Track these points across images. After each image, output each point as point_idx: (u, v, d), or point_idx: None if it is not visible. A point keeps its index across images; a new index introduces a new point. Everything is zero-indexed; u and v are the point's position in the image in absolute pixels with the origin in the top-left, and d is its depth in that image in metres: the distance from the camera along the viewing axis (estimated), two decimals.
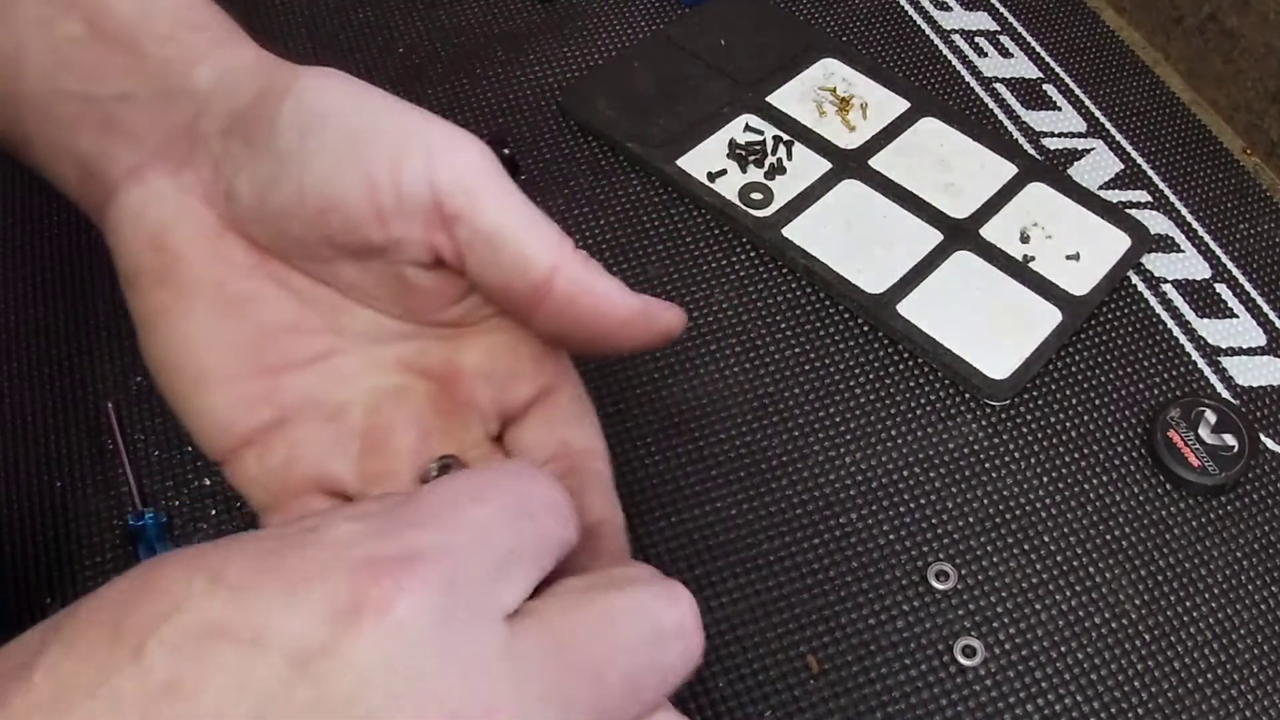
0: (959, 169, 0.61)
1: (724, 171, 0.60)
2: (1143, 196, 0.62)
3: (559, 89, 0.64)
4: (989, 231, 0.58)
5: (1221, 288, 0.58)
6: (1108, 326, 0.56)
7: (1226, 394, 0.54)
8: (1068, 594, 0.47)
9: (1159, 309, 0.57)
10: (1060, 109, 0.66)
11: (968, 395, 0.53)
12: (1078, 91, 0.66)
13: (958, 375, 0.53)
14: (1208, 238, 0.60)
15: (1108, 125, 0.65)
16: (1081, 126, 0.65)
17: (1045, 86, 0.67)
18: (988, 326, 0.54)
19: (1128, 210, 0.60)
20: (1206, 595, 0.47)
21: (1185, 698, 0.45)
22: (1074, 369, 0.54)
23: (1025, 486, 0.50)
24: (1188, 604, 0.47)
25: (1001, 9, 0.71)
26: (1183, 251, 0.59)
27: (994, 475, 0.50)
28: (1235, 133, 0.67)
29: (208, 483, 0.48)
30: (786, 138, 0.61)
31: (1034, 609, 0.47)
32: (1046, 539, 0.48)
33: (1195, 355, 0.55)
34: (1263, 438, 0.52)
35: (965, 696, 0.44)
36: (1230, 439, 0.51)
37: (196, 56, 0.32)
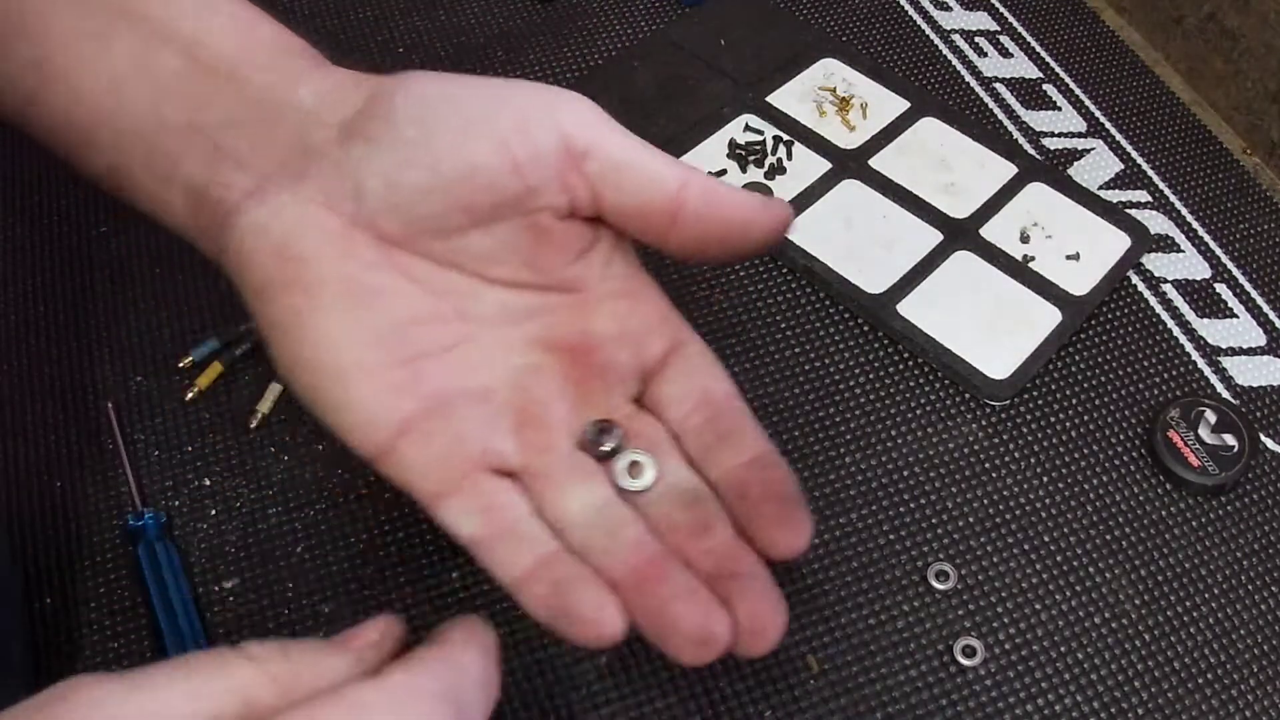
0: (959, 169, 0.61)
1: (724, 171, 0.60)
2: (1143, 196, 0.62)
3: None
4: (989, 231, 0.58)
5: (1221, 288, 0.58)
6: (1108, 326, 0.56)
7: (1226, 394, 0.54)
8: (1068, 594, 0.47)
9: (1159, 309, 0.57)
10: (1060, 109, 0.66)
11: (968, 395, 0.53)
12: (1078, 91, 0.66)
13: (958, 375, 0.53)
14: (1208, 238, 0.60)
15: (1108, 125, 0.65)
16: (1081, 126, 0.65)
17: (1045, 86, 0.67)
18: (988, 326, 0.54)
19: (1128, 210, 0.60)
20: (1206, 595, 0.47)
21: (1185, 698, 0.45)
22: (1074, 369, 0.54)
23: (1025, 486, 0.50)
24: (1188, 604, 0.47)
25: (1001, 9, 0.71)
26: (1183, 251, 0.59)
27: (994, 475, 0.50)
28: (1235, 133, 0.67)
29: (208, 483, 0.48)
30: (786, 138, 0.61)
31: (1034, 609, 0.47)
32: (1046, 539, 0.48)
33: (1195, 355, 0.55)
34: (1263, 438, 0.52)
35: (965, 696, 0.44)
36: (1230, 439, 0.51)
37: (296, 80, 0.34)
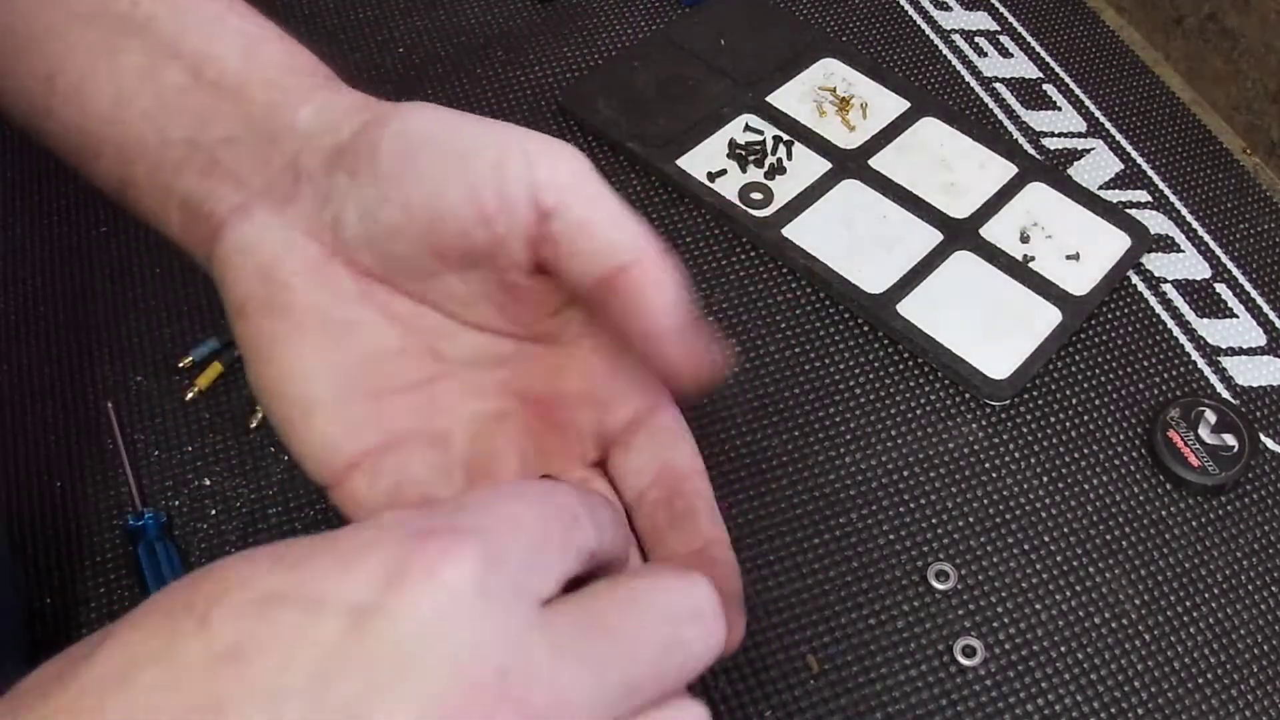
0: (959, 169, 0.61)
1: (724, 171, 0.60)
2: (1143, 196, 0.62)
3: (559, 89, 0.64)
4: (989, 231, 0.58)
5: (1221, 288, 0.58)
6: (1108, 326, 0.56)
7: (1226, 394, 0.54)
8: (1068, 594, 0.47)
9: (1159, 309, 0.57)
10: (1060, 109, 0.66)
11: (968, 395, 0.53)
12: (1078, 91, 0.66)
13: (958, 375, 0.53)
14: (1208, 238, 0.60)
15: (1108, 125, 0.65)
16: (1081, 126, 0.65)
17: (1045, 86, 0.67)
18: (988, 327, 0.54)
19: (1128, 210, 0.60)
20: (1206, 595, 0.47)
21: (1185, 698, 0.45)
22: (1074, 369, 0.54)
23: (1025, 486, 0.50)
24: (1188, 604, 0.47)
25: (1001, 9, 0.71)
26: (1183, 251, 0.59)
27: (994, 475, 0.50)
28: (1235, 133, 0.67)
29: (208, 483, 0.48)
30: (786, 138, 0.61)
31: (1034, 609, 0.47)
32: (1046, 539, 0.48)
33: (1195, 355, 0.55)
34: (1263, 438, 0.52)
35: (965, 696, 0.44)
36: (1230, 439, 0.51)
37: (299, 100, 0.34)
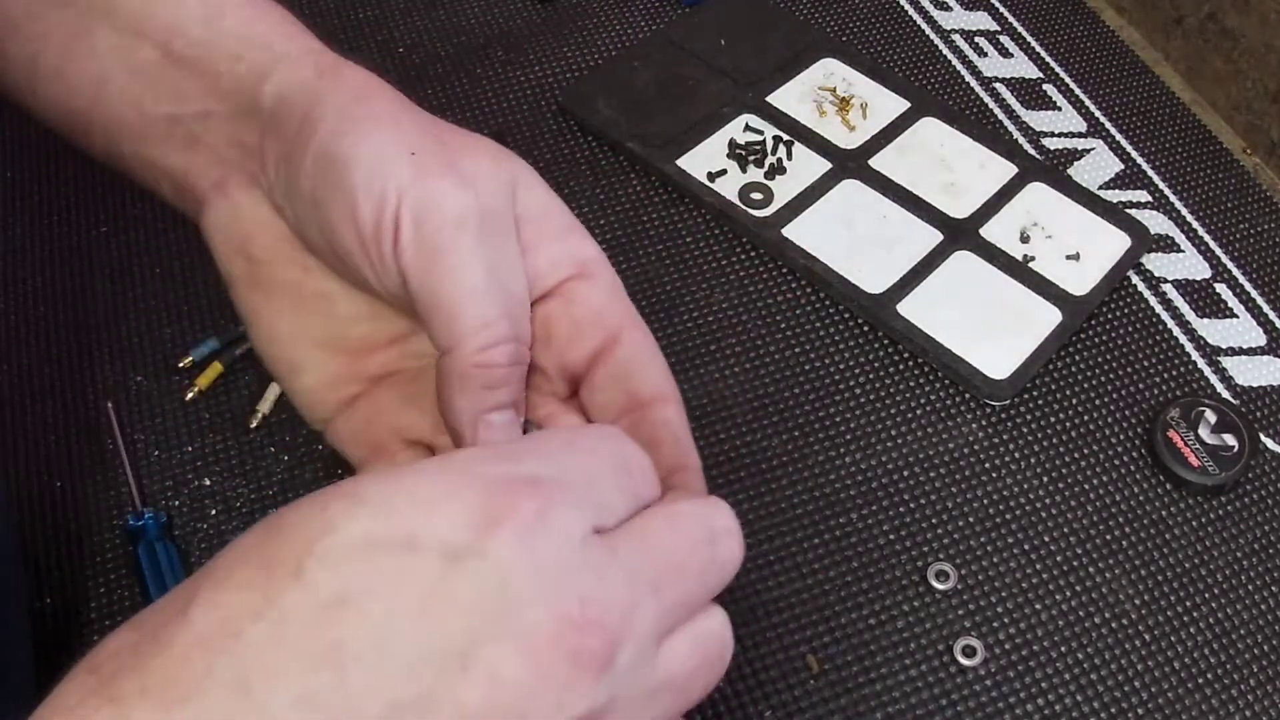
0: (959, 169, 0.61)
1: (724, 171, 0.60)
2: (1143, 196, 0.62)
3: (559, 89, 0.64)
4: (989, 231, 0.58)
5: (1221, 288, 0.58)
6: (1108, 326, 0.56)
7: (1226, 394, 0.54)
8: (1068, 594, 0.47)
9: (1159, 309, 0.57)
10: (1060, 109, 0.66)
11: (968, 395, 0.53)
12: (1078, 91, 0.66)
13: (958, 375, 0.53)
14: (1208, 238, 0.60)
15: (1108, 125, 0.65)
16: (1081, 126, 0.65)
17: (1045, 86, 0.67)
18: (988, 327, 0.54)
19: (1128, 210, 0.60)
20: (1206, 595, 0.47)
21: (1185, 698, 0.45)
22: (1074, 369, 0.54)
23: (1025, 486, 0.50)
24: (1188, 604, 0.47)
25: (1001, 9, 0.71)
26: (1183, 251, 0.59)
27: (994, 475, 0.50)
28: (1235, 133, 0.67)
29: (208, 483, 0.48)
30: (786, 138, 0.61)
31: (1034, 609, 0.47)
32: (1046, 539, 0.48)
33: (1195, 355, 0.55)
34: (1263, 438, 0.52)
35: (965, 696, 0.44)
36: (1230, 439, 0.51)
37: (262, 75, 0.35)
